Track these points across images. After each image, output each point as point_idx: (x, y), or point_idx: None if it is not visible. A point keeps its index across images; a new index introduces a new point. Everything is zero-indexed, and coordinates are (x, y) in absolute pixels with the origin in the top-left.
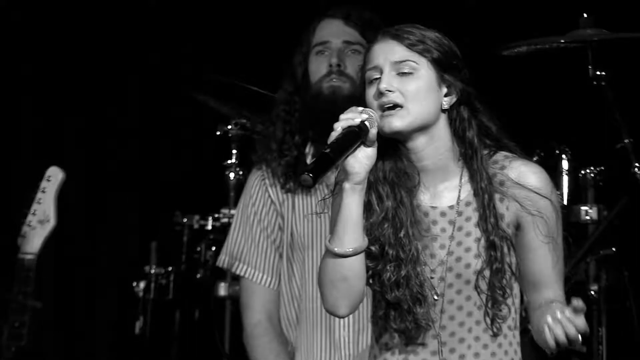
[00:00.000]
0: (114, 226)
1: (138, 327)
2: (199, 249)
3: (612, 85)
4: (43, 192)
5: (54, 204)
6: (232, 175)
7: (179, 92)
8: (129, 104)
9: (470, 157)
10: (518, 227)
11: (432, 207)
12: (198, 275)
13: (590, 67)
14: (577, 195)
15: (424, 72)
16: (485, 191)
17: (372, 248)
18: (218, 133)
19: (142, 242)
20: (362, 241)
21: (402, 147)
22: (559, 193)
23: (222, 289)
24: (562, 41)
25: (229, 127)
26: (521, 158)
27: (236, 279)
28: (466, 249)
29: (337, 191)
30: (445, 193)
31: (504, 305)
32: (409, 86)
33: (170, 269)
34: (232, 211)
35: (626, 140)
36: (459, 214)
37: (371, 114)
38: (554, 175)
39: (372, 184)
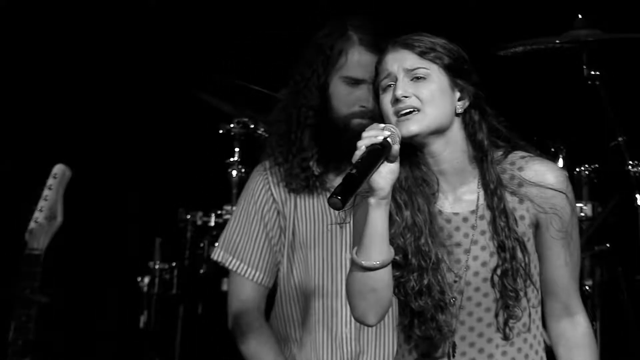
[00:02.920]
0: (119, 223)
1: (142, 322)
2: (202, 244)
3: (606, 85)
4: (50, 189)
5: (60, 201)
6: (234, 172)
7: (182, 92)
8: (133, 103)
9: (480, 159)
10: (537, 226)
11: (454, 213)
12: (201, 271)
13: (584, 66)
14: (572, 192)
15: (437, 77)
16: (494, 193)
17: (396, 257)
18: (221, 131)
19: (146, 238)
20: (388, 253)
21: (419, 153)
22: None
23: (225, 284)
24: (557, 41)
25: (232, 125)
26: (538, 157)
27: None
28: (491, 254)
29: (357, 202)
30: (465, 197)
31: (516, 308)
32: (424, 90)
33: (174, 264)
34: (235, 208)
35: (620, 139)
36: (481, 217)
37: (392, 130)
38: None
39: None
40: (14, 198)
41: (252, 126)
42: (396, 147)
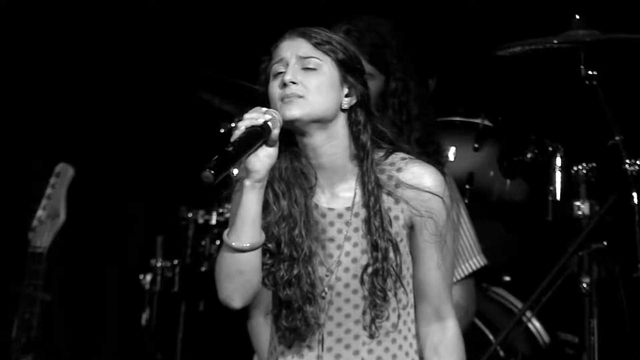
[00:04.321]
0: (122, 221)
1: (144, 319)
2: (203, 242)
3: (604, 85)
4: (53, 188)
5: (63, 199)
6: (235, 171)
7: (184, 91)
8: (135, 102)
9: (361, 159)
10: (411, 227)
11: (330, 208)
12: (203, 268)
13: (582, 67)
14: (570, 191)
15: (327, 69)
16: (372, 194)
17: (270, 245)
18: (222, 130)
19: (148, 236)
20: (259, 237)
21: (301, 144)
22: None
23: None
24: (555, 42)
25: (233, 125)
26: (418, 160)
27: None
28: (362, 251)
29: (237, 187)
30: (341, 194)
31: (384, 307)
32: (313, 80)
33: (175, 262)
34: None
35: (617, 138)
36: (355, 215)
37: (274, 114)
38: (548, 171)
39: (269, 182)
40: (17, 197)
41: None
42: (275, 132)
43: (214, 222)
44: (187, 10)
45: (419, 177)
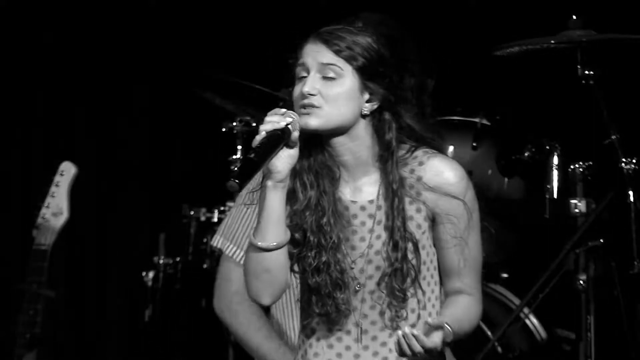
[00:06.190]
0: (124, 219)
1: (147, 315)
2: (205, 240)
3: (600, 84)
4: (56, 186)
5: (66, 197)
6: None
7: (186, 91)
8: (138, 102)
9: (385, 159)
10: (433, 220)
11: (353, 201)
12: (204, 266)
13: (579, 66)
14: (567, 189)
15: (348, 79)
16: (395, 194)
17: (296, 235)
18: (223, 130)
19: (151, 233)
20: (284, 236)
21: (324, 141)
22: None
23: None
24: (552, 42)
25: (234, 124)
26: (439, 154)
27: None
28: (384, 243)
29: (264, 184)
30: (365, 187)
31: (401, 307)
32: (331, 91)
33: (178, 259)
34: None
35: (613, 137)
36: (379, 208)
37: (293, 116)
38: (545, 170)
39: (298, 172)
40: (21, 195)
41: (254, 124)
42: (296, 134)
43: (215, 219)
44: (187, 11)
45: (439, 173)
